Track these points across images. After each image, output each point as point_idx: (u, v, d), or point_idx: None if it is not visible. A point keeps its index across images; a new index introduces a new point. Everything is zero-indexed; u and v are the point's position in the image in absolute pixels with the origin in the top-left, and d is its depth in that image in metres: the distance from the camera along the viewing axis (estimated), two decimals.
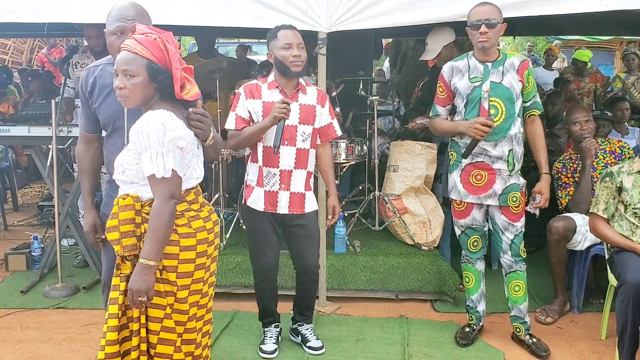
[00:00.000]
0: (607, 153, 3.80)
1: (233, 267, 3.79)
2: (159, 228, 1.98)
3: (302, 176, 2.97)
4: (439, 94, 3.13)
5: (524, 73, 2.99)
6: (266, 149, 2.91)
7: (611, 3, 3.15)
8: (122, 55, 2.05)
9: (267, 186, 2.92)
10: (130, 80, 2.03)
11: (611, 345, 3.14)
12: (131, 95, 2.05)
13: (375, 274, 3.78)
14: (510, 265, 3.13)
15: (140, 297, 1.98)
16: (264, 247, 2.99)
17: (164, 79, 2.05)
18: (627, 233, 2.97)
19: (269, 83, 2.94)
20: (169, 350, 2.11)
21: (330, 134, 3.07)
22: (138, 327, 2.07)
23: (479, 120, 2.91)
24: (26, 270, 4.40)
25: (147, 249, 1.98)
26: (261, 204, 2.93)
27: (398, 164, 4.20)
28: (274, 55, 2.91)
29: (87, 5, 3.41)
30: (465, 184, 3.08)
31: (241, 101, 2.91)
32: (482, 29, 2.87)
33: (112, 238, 2.08)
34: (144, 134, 1.99)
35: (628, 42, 11.58)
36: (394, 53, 9.13)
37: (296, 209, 2.96)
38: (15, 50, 11.11)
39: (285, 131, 2.86)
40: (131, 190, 2.09)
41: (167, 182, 2.00)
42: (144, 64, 2.04)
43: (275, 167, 2.91)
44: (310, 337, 3.19)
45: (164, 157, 1.99)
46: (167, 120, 2.01)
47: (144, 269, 1.98)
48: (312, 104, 2.97)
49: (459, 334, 3.29)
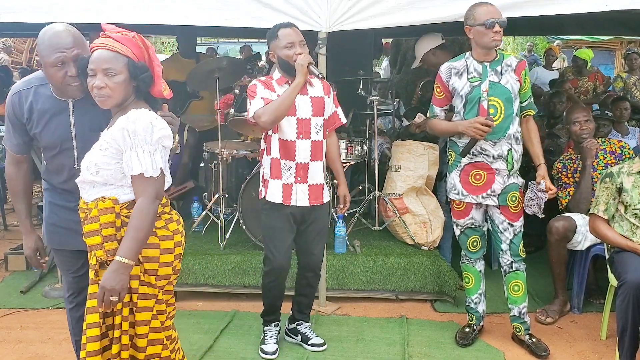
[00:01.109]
0: (607, 153, 3.80)
1: (233, 267, 3.79)
2: (143, 228, 1.95)
3: (320, 168, 2.99)
4: (437, 94, 3.13)
5: (521, 73, 3.00)
6: (282, 141, 2.90)
7: (611, 3, 3.14)
8: (100, 54, 2.00)
9: (284, 178, 2.92)
10: (112, 79, 1.98)
11: (611, 345, 3.13)
12: (113, 94, 2.00)
13: (375, 274, 3.77)
14: (510, 265, 3.13)
15: (112, 296, 1.93)
16: (281, 247, 2.97)
17: (145, 77, 2.02)
18: (627, 234, 2.97)
19: (277, 80, 2.94)
20: (158, 349, 2.11)
21: (336, 122, 3.11)
22: (119, 334, 2.03)
23: (479, 119, 2.91)
24: (26, 270, 4.40)
25: (127, 247, 1.93)
26: (279, 196, 2.93)
27: (400, 164, 4.20)
28: (276, 55, 2.91)
29: (87, 5, 3.41)
30: (464, 183, 3.07)
31: (260, 89, 2.87)
32: (496, 28, 2.87)
33: (93, 243, 2.02)
34: (132, 132, 1.95)
35: (628, 42, 11.57)
36: (394, 53, 9.12)
37: (316, 200, 2.99)
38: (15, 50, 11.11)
39: (300, 124, 2.89)
40: (107, 193, 2.03)
41: (155, 181, 1.97)
42: (125, 62, 2.00)
43: (292, 160, 2.92)
44: (310, 335, 3.20)
45: (152, 155, 1.96)
46: (154, 119, 1.99)
47: (121, 268, 1.93)
48: (320, 96, 2.99)
49: (459, 334, 3.29)
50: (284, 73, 2.92)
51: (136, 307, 2.04)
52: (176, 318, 3.54)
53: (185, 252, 3.83)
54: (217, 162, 4.15)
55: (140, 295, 2.03)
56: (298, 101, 2.88)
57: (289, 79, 2.90)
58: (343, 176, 3.18)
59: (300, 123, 2.89)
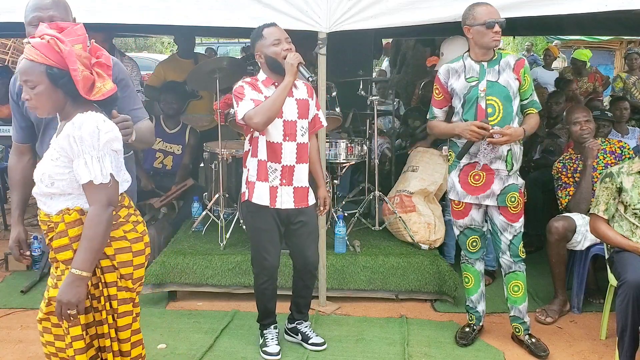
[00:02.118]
0: (607, 153, 3.80)
1: (233, 267, 3.79)
2: (96, 237, 1.89)
3: (305, 170, 2.99)
4: (436, 95, 3.13)
5: (520, 71, 2.99)
6: (269, 144, 2.90)
7: (611, 3, 3.14)
8: (22, 65, 1.91)
9: (270, 180, 2.92)
10: (33, 90, 1.90)
11: (611, 345, 3.13)
12: (39, 105, 1.93)
13: (375, 274, 3.77)
14: (509, 265, 3.13)
15: (70, 309, 1.89)
16: (268, 246, 2.98)
17: (65, 82, 1.90)
18: (627, 233, 2.97)
19: (263, 81, 2.93)
20: (140, 350, 2.14)
21: (317, 125, 3.10)
22: (110, 343, 2.04)
23: (475, 122, 2.91)
24: (26, 270, 4.39)
25: (81, 259, 1.88)
26: (267, 199, 2.92)
27: (419, 166, 4.28)
28: (263, 55, 2.89)
29: (87, 5, 3.40)
30: (463, 184, 3.07)
31: (247, 90, 2.86)
32: (496, 28, 2.87)
33: (65, 258, 1.98)
34: (77, 139, 1.88)
35: (628, 42, 11.58)
36: (394, 53, 9.13)
37: (301, 202, 2.98)
38: (15, 50, 11.10)
39: (286, 127, 2.88)
40: (69, 203, 1.97)
41: (105, 188, 1.90)
42: (43, 71, 1.88)
43: (277, 162, 2.91)
44: (310, 334, 3.20)
45: (100, 161, 1.89)
46: (100, 123, 1.91)
47: (77, 280, 1.88)
48: (305, 98, 2.99)
49: (459, 334, 3.29)
50: (271, 73, 2.91)
51: (117, 313, 2.03)
52: (176, 318, 3.58)
53: (185, 252, 3.89)
54: (217, 162, 4.15)
55: (120, 301, 2.02)
56: (284, 103, 2.86)
57: (276, 79, 2.89)
58: (323, 179, 3.17)
59: (287, 125, 2.89)
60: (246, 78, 3.04)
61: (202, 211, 4.32)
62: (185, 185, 4.69)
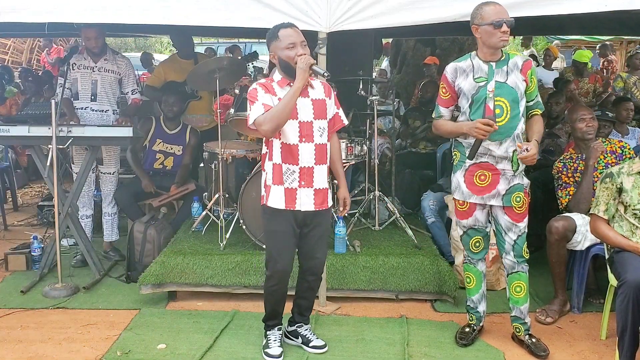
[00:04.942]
0: (607, 153, 3.80)
1: (233, 267, 3.78)
2: None
3: (324, 171, 2.96)
4: (442, 95, 3.12)
5: (527, 73, 2.99)
6: (284, 145, 2.88)
7: (611, 3, 3.15)
8: None
9: (286, 183, 2.90)
10: None
11: (611, 345, 3.13)
12: None
13: (375, 274, 3.77)
14: (513, 266, 3.13)
15: None
16: (282, 250, 2.95)
17: None
18: (627, 234, 2.97)
19: (278, 81, 2.91)
20: None
21: (338, 123, 3.08)
22: None
23: (481, 120, 2.91)
24: (26, 270, 4.40)
25: None
26: (282, 202, 2.90)
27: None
28: (277, 56, 2.87)
29: (88, 5, 3.41)
30: (468, 184, 3.07)
31: (260, 94, 2.84)
32: (504, 27, 2.86)
33: None
34: None
35: (628, 42, 11.57)
36: (394, 53, 9.13)
37: (322, 205, 2.96)
38: (15, 50, 11.11)
39: (301, 128, 2.86)
40: None
41: None
42: None
43: (295, 164, 2.88)
44: (311, 337, 3.19)
45: None
46: None
47: None
48: (322, 98, 2.96)
49: (459, 334, 3.29)
50: (285, 75, 2.89)
51: None
52: (176, 318, 3.57)
53: (185, 252, 3.89)
54: (217, 162, 4.15)
55: None
56: (299, 104, 2.85)
57: (291, 80, 2.86)
58: (344, 178, 3.15)
59: (303, 126, 2.86)
60: (261, 79, 3.03)
61: (202, 211, 4.32)
62: (186, 189, 4.69)
